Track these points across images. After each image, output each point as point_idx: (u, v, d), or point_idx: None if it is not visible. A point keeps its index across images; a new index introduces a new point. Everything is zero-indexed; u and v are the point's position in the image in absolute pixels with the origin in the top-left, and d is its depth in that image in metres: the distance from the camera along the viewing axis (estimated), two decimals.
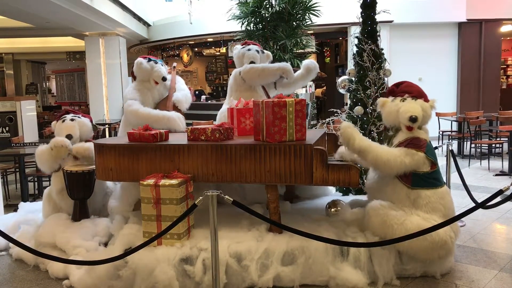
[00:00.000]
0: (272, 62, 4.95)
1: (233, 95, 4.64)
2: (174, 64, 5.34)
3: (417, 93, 3.68)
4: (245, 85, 4.65)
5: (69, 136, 4.32)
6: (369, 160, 3.47)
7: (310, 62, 4.76)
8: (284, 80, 4.74)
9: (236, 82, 4.69)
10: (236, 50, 4.90)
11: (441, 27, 11.29)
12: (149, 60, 4.83)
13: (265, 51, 4.95)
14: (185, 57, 15.45)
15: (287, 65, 4.65)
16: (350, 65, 5.48)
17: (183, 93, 4.93)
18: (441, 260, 3.44)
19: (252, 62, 4.67)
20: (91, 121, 4.74)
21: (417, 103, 3.59)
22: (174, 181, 3.44)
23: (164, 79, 4.79)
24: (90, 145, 4.29)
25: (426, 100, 3.68)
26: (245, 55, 4.74)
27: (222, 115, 4.68)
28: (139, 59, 4.82)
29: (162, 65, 4.88)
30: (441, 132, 9.49)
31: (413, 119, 3.50)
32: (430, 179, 3.49)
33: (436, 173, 3.53)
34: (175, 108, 4.77)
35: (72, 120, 4.51)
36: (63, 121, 4.51)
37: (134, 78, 4.93)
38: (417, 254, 3.37)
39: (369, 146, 3.46)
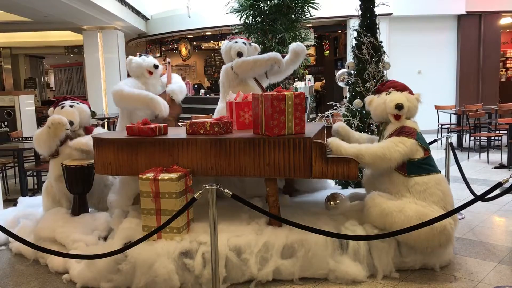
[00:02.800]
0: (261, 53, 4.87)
1: (226, 92, 4.58)
2: (168, 59, 5.34)
3: (401, 87, 3.82)
4: (238, 79, 4.56)
5: (70, 123, 4.32)
6: (367, 161, 3.50)
7: (297, 45, 4.63)
8: (275, 68, 4.66)
9: (228, 77, 4.60)
10: (223, 45, 4.80)
11: (440, 20, 11.24)
12: (139, 56, 4.95)
13: (252, 43, 4.85)
14: (184, 51, 15.41)
15: (277, 54, 4.55)
16: (349, 58, 5.46)
17: (177, 84, 4.95)
18: (442, 250, 3.44)
19: (239, 53, 4.57)
20: (89, 107, 4.77)
21: (402, 94, 3.73)
22: (173, 175, 3.44)
23: (156, 66, 4.83)
24: (89, 140, 4.28)
25: (411, 93, 3.81)
26: (232, 48, 4.62)
27: (218, 114, 4.62)
28: (129, 57, 4.93)
29: (153, 57, 4.99)
30: (440, 125, 9.48)
31: (399, 107, 3.62)
32: (424, 165, 3.54)
33: (430, 159, 3.60)
34: (171, 100, 4.77)
35: (71, 106, 4.51)
36: (62, 107, 4.49)
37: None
38: (417, 242, 3.35)
39: (360, 149, 3.51)
